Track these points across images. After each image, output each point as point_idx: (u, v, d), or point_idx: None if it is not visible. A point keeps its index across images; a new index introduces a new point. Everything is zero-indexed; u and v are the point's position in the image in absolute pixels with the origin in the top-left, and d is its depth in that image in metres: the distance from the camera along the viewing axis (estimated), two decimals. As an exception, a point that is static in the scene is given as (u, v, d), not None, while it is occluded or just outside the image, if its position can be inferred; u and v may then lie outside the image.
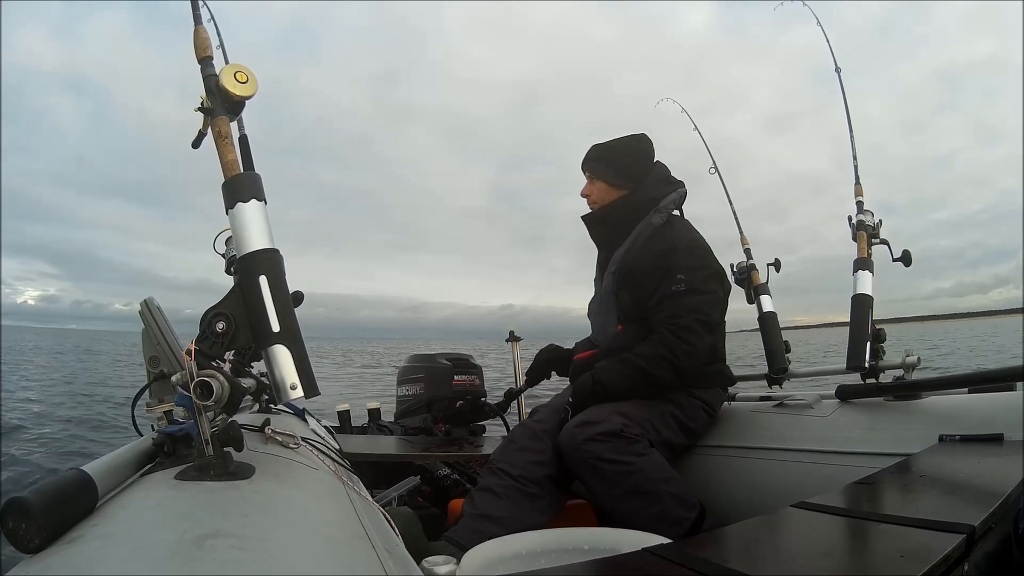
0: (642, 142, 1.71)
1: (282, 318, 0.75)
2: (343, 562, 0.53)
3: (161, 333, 1.17)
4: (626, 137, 1.71)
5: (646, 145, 1.71)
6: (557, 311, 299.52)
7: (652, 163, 1.70)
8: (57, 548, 0.47)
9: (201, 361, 0.70)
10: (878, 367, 1.51)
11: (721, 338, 1.64)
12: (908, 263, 1.61)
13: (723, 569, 0.61)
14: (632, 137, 1.71)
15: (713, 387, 1.62)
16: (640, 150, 1.70)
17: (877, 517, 0.75)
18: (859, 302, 1.56)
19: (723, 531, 0.82)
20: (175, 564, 0.43)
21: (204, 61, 0.83)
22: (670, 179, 1.70)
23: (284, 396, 0.74)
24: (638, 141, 1.71)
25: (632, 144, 1.70)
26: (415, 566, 0.70)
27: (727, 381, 1.67)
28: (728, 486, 1.52)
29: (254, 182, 0.80)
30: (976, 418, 1.20)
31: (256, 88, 0.80)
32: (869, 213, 1.66)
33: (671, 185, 1.68)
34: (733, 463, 1.55)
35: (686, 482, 1.39)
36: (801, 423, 1.50)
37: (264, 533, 0.51)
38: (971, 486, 0.88)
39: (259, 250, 0.76)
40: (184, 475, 0.64)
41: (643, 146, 1.71)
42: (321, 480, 0.83)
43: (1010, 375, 1.24)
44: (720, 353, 1.64)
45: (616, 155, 1.69)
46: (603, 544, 1.01)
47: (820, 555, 0.65)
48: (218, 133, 0.80)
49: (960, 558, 0.61)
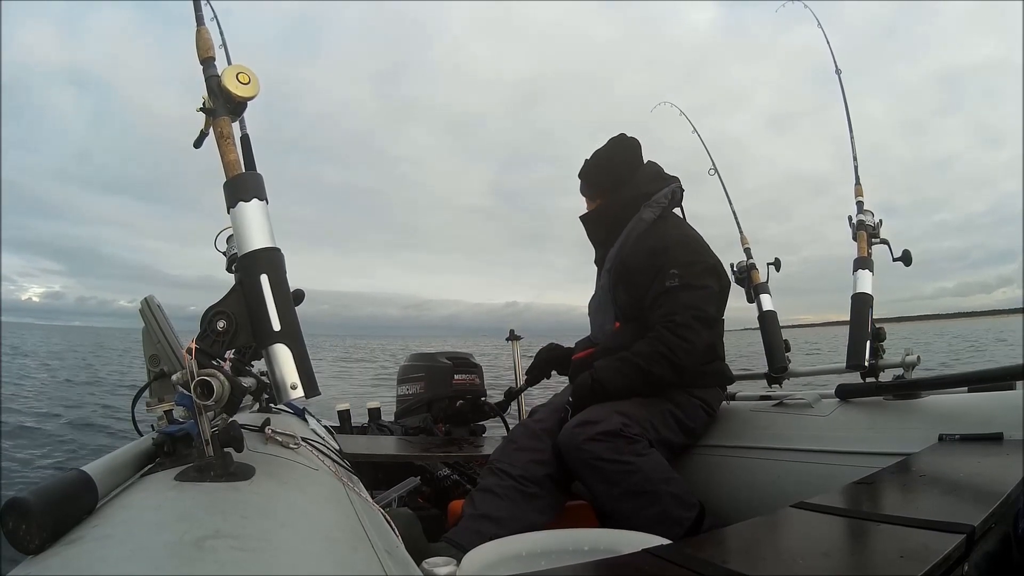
0: (620, 147, 1.72)
1: (283, 317, 0.75)
2: (343, 563, 0.53)
3: (161, 331, 1.17)
4: (605, 145, 1.74)
5: (625, 148, 1.72)
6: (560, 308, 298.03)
7: (634, 164, 1.71)
8: (57, 549, 0.47)
9: (201, 360, 0.70)
10: (878, 366, 1.51)
11: (719, 336, 1.64)
12: (908, 263, 1.61)
13: (723, 570, 0.61)
14: (611, 143, 1.73)
15: (712, 386, 1.62)
16: (618, 153, 1.72)
17: (877, 517, 0.75)
18: (859, 301, 1.56)
19: (723, 531, 0.82)
20: (175, 565, 0.43)
21: (206, 62, 0.83)
22: (662, 175, 1.70)
23: (284, 396, 0.74)
24: (615, 146, 1.73)
25: (610, 151, 1.72)
26: (415, 567, 0.70)
27: (726, 380, 1.67)
28: (728, 486, 1.52)
29: (256, 182, 0.80)
30: (976, 417, 1.20)
31: (258, 89, 0.80)
32: (869, 213, 1.66)
33: (663, 181, 1.68)
34: (733, 463, 1.55)
35: (686, 482, 1.39)
36: (801, 423, 1.50)
37: (264, 534, 0.51)
38: (971, 486, 0.88)
39: (260, 249, 0.76)
40: (184, 476, 0.64)
41: (620, 150, 1.72)
42: (321, 481, 0.83)
43: (1010, 375, 1.24)
44: (719, 352, 1.64)
45: (589, 170, 1.74)
46: (603, 545, 1.01)
47: (820, 555, 0.65)
48: (220, 133, 0.80)
49: (960, 558, 0.61)
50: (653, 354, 1.46)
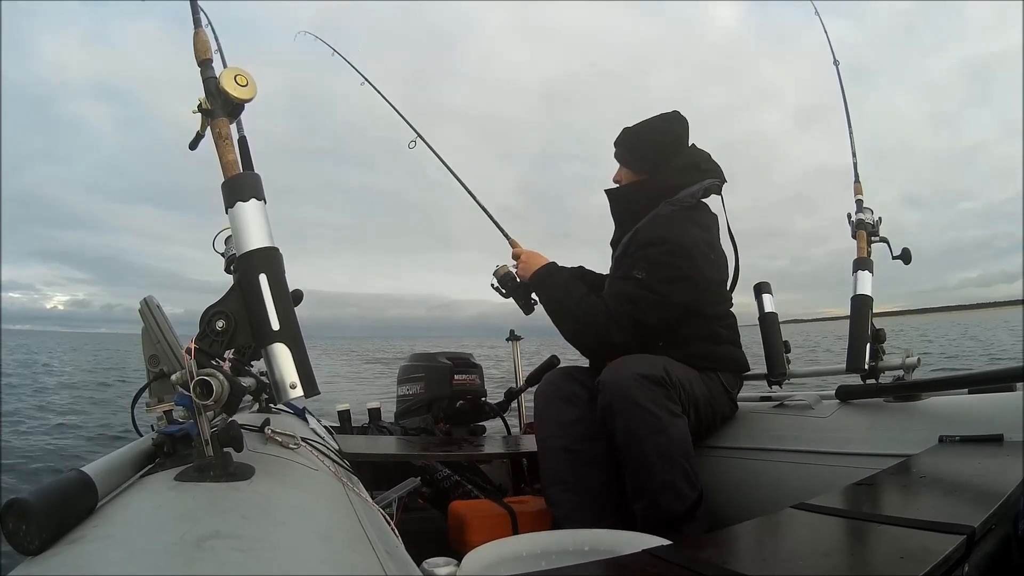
0: (668, 123, 1.64)
1: (282, 316, 0.75)
2: (343, 563, 0.53)
3: (161, 332, 1.17)
4: (653, 118, 1.65)
5: (673, 126, 1.64)
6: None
7: (678, 147, 1.64)
8: (57, 549, 0.47)
9: (201, 360, 0.70)
10: (878, 368, 1.50)
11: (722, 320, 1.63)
12: (908, 261, 1.60)
13: (723, 570, 0.61)
14: (659, 118, 1.65)
15: (725, 370, 1.60)
16: (663, 132, 1.64)
17: (877, 518, 0.75)
18: (859, 303, 1.55)
19: (723, 532, 0.82)
20: (175, 565, 0.43)
21: (204, 64, 0.83)
22: (700, 166, 1.62)
23: (284, 396, 0.74)
24: (663, 122, 1.64)
25: (656, 126, 1.64)
26: (415, 567, 0.70)
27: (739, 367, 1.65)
28: (728, 487, 1.52)
29: (254, 182, 0.80)
30: (976, 419, 1.20)
31: (256, 92, 0.80)
32: (868, 211, 1.65)
33: (700, 173, 1.60)
34: (733, 464, 1.55)
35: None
36: (801, 424, 1.50)
37: (264, 534, 0.51)
38: (971, 487, 0.88)
39: (259, 248, 0.76)
40: (184, 476, 0.64)
41: (669, 127, 1.64)
42: (321, 481, 0.83)
43: (1010, 375, 1.24)
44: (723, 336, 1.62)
45: (636, 141, 1.66)
46: (603, 545, 1.01)
47: (820, 556, 0.65)
48: (218, 134, 0.80)
49: (960, 559, 0.61)
50: (594, 308, 1.51)
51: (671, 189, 1.59)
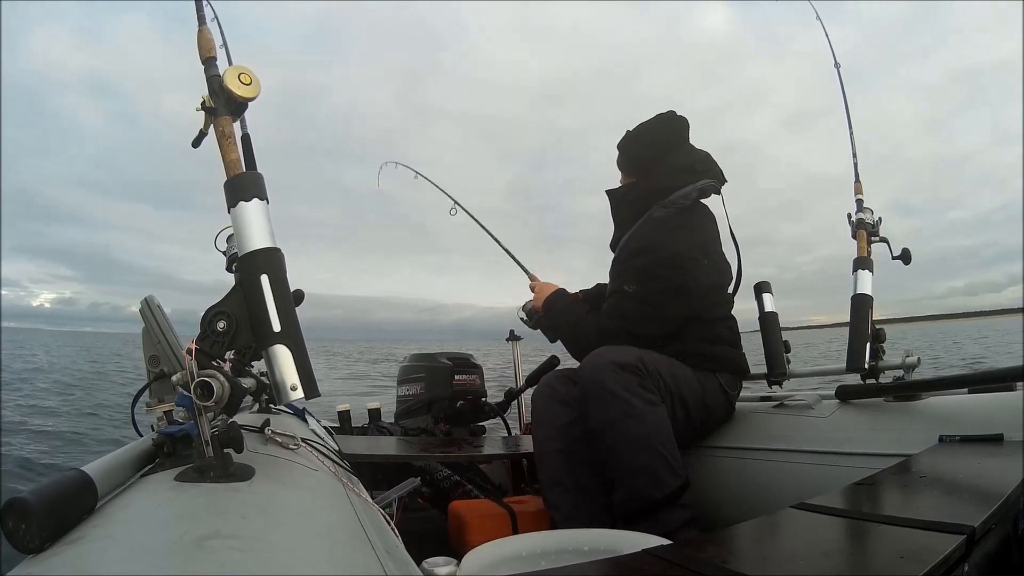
0: (661, 123, 1.64)
1: (283, 317, 0.75)
2: (343, 563, 0.53)
3: (161, 332, 1.17)
4: (649, 119, 1.65)
5: (666, 126, 1.64)
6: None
7: (669, 147, 1.63)
8: (57, 549, 0.47)
9: (201, 360, 0.70)
10: (878, 367, 1.50)
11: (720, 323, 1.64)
12: (907, 261, 1.60)
13: (723, 570, 0.61)
14: (654, 119, 1.65)
15: (724, 371, 1.61)
16: (654, 133, 1.64)
17: (877, 518, 0.75)
18: (859, 302, 1.56)
19: (723, 532, 0.82)
20: (175, 565, 0.43)
21: (208, 61, 0.83)
22: (695, 167, 1.59)
23: (284, 397, 0.74)
24: (656, 123, 1.64)
25: (649, 127, 1.64)
26: (415, 567, 0.70)
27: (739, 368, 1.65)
28: (728, 486, 1.52)
29: (256, 181, 0.80)
30: (976, 418, 1.20)
31: (259, 90, 0.80)
32: (869, 211, 1.65)
33: (695, 174, 1.58)
34: (733, 463, 1.55)
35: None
36: (801, 423, 1.50)
37: (264, 534, 0.51)
38: (971, 487, 0.88)
39: (261, 249, 0.76)
40: (184, 476, 0.64)
41: (661, 127, 1.64)
42: (321, 481, 0.83)
43: (1010, 375, 1.24)
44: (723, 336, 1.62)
45: (627, 144, 1.68)
46: (603, 545, 1.01)
47: (820, 556, 0.65)
48: (221, 132, 0.80)
49: (960, 559, 0.61)
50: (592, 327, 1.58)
51: (663, 191, 1.58)
